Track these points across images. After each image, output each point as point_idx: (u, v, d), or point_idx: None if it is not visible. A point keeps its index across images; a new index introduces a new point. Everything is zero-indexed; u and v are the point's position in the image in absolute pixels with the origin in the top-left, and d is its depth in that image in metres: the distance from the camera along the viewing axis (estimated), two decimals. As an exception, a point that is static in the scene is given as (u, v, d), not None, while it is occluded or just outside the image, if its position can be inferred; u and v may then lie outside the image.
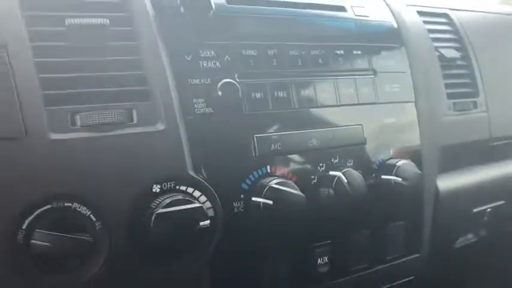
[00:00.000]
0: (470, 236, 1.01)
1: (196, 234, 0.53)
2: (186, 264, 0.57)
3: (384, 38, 0.80)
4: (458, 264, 1.06)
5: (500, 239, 1.08)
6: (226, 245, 0.59)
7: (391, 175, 0.71)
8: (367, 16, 0.78)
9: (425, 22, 0.96)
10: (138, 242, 0.53)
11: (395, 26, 0.82)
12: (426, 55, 0.89)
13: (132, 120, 0.55)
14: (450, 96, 0.92)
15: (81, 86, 0.54)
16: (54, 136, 0.51)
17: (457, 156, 0.92)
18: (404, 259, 0.78)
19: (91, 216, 0.51)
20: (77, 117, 0.53)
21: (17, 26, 0.52)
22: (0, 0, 0.52)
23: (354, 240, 0.72)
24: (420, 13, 0.97)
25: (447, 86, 0.92)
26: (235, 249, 0.61)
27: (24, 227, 0.49)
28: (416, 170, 0.73)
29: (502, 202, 1.01)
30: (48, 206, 0.50)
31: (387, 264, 0.76)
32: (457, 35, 1.00)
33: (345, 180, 0.65)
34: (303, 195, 0.61)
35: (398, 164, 0.72)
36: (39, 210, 0.49)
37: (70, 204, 0.50)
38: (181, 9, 0.61)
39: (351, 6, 0.78)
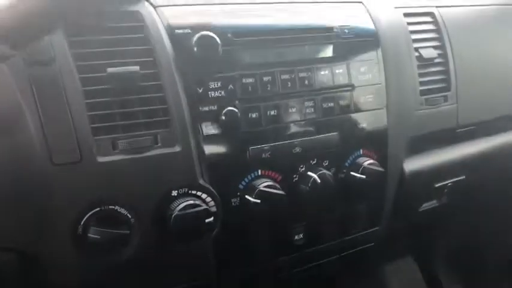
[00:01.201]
0: (434, 201, 1.19)
1: (202, 227, 0.74)
2: (196, 244, 0.79)
3: (364, 55, 0.92)
4: (421, 223, 1.26)
5: (462, 204, 1.26)
6: (226, 228, 0.80)
7: (358, 173, 0.90)
8: (351, 35, 0.91)
9: (409, 24, 1.05)
10: (161, 232, 0.74)
11: (376, 39, 0.94)
12: (404, 58, 1.00)
13: (157, 143, 0.73)
14: (423, 93, 1.03)
15: (119, 119, 0.71)
16: (101, 159, 0.69)
17: (424, 142, 1.06)
18: (366, 232, 0.99)
19: (128, 214, 0.71)
20: (117, 143, 0.70)
21: (72, 75, 0.69)
22: (58, 56, 0.68)
23: (324, 221, 0.92)
24: (406, 15, 1.06)
25: (421, 83, 1.03)
26: (232, 231, 0.82)
27: (81, 223, 0.69)
28: (379, 169, 0.90)
29: (462, 177, 1.16)
30: (98, 209, 0.70)
31: (350, 236, 0.97)
32: (439, 34, 1.08)
33: (318, 180, 0.84)
34: (284, 193, 0.80)
35: (364, 164, 0.89)
36: (91, 211, 0.69)
37: (113, 207, 0.70)
38: (195, 49, 0.76)
39: (335, 25, 0.89)
